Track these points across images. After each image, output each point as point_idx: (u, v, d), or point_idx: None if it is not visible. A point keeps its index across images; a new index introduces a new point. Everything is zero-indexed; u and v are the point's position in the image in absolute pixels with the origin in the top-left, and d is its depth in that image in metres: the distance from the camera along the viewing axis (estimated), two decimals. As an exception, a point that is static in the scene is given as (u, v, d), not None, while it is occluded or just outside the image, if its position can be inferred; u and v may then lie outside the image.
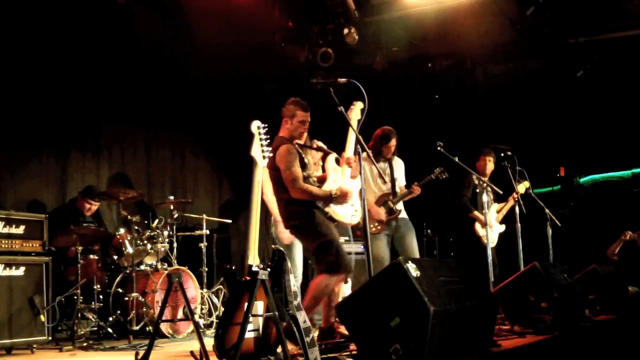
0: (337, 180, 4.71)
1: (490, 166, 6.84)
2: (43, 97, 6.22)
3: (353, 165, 4.78)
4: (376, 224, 5.62)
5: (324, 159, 5.16)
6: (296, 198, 4.39)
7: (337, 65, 8.16)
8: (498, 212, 6.87)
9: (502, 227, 6.90)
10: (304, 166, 4.48)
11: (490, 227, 6.72)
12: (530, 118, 9.03)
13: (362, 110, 4.79)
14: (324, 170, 5.09)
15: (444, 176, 5.86)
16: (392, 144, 5.76)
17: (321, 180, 4.72)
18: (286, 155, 4.41)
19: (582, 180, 9.91)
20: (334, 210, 4.54)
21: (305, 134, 4.71)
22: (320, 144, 5.26)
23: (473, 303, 3.66)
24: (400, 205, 5.74)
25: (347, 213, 4.67)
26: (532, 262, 4.94)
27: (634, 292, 6.64)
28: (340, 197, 4.47)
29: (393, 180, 5.78)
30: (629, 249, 7.90)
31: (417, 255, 5.70)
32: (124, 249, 6.04)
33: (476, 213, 6.60)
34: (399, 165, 5.93)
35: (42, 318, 4.94)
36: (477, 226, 6.69)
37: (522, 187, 6.63)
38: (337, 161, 4.84)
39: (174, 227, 6.33)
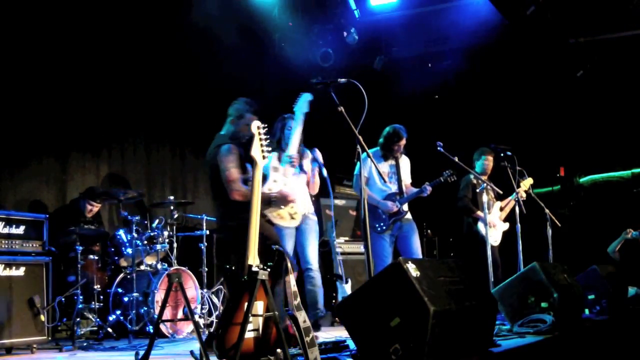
0: (277, 180, 4.54)
1: (491, 165, 6.85)
2: (43, 97, 6.22)
3: (295, 163, 4.59)
4: (382, 224, 5.61)
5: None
6: (233, 200, 4.26)
7: (337, 65, 8.18)
8: (501, 209, 6.84)
9: (506, 226, 6.87)
10: (243, 168, 4.35)
11: (494, 227, 6.73)
12: (530, 118, 9.03)
13: (310, 102, 4.65)
14: (302, 169, 5.00)
15: (453, 179, 5.86)
16: (403, 142, 5.76)
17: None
18: (226, 154, 4.31)
19: (582, 180, 9.92)
20: (272, 213, 4.39)
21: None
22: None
23: (473, 303, 3.65)
24: (405, 207, 5.75)
25: (286, 216, 4.51)
26: (532, 262, 4.94)
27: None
28: (281, 200, 4.36)
29: (399, 180, 5.79)
30: (631, 247, 7.91)
31: (420, 256, 5.70)
32: (124, 249, 6.04)
33: (479, 213, 6.59)
34: (405, 163, 5.94)
35: (42, 318, 4.94)
36: (480, 226, 6.64)
37: (526, 183, 6.62)
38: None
39: (174, 227, 6.33)
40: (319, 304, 5.06)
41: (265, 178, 4.55)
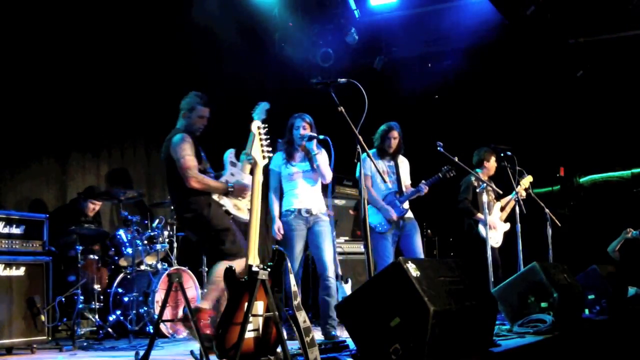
0: (235, 174, 4.62)
1: (494, 166, 6.85)
2: (43, 97, 6.21)
3: (252, 162, 4.60)
4: (383, 224, 5.61)
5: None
6: (191, 188, 4.28)
7: (337, 65, 8.18)
8: (502, 209, 6.85)
9: (507, 226, 6.87)
10: (199, 159, 4.40)
11: (495, 228, 6.73)
12: (530, 118, 9.03)
13: (267, 110, 4.70)
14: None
15: (451, 174, 5.84)
16: (393, 135, 5.76)
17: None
18: (180, 143, 4.33)
19: (582, 180, 9.92)
20: (229, 204, 4.46)
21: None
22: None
23: (473, 303, 3.65)
24: (406, 205, 5.75)
25: (244, 208, 4.57)
26: (532, 262, 4.94)
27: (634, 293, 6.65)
28: (237, 191, 4.42)
29: (399, 179, 5.78)
30: (631, 246, 7.91)
31: (422, 255, 5.70)
32: (124, 249, 6.04)
33: (479, 215, 6.59)
34: (404, 164, 5.94)
35: (42, 318, 4.94)
36: (481, 227, 6.60)
37: (526, 181, 6.62)
38: (237, 155, 4.72)
39: (174, 227, 6.33)
40: (333, 315, 5.06)
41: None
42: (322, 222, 5.19)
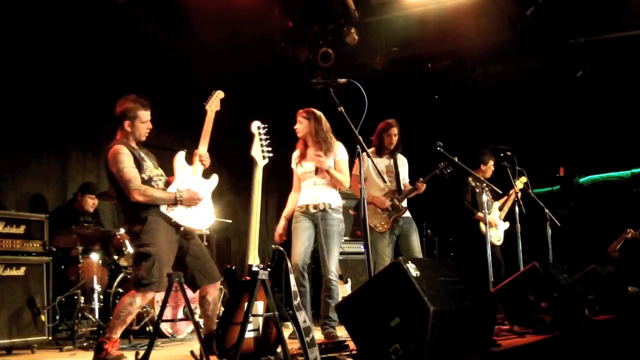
0: (185, 181, 4.21)
1: (492, 170, 6.90)
2: (43, 97, 6.22)
3: (206, 163, 4.29)
4: (382, 223, 5.61)
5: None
6: (135, 202, 3.95)
7: (337, 65, 8.17)
8: (500, 209, 6.90)
9: (507, 225, 6.95)
10: (140, 167, 4.07)
11: (496, 227, 6.79)
12: (530, 118, 9.03)
13: (222, 100, 4.44)
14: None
15: (449, 170, 5.84)
16: (391, 132, 5.75)
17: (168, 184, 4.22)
18: (115, 155, 4.03)
19: (582, 180, 9.92)
20: (178, 214, 4.08)
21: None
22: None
23: (473, 303, 3.66)
24: (404, 203, 5.75)
25: (197, 217, 4.17)
26: (532, 262, 4.94)
27: (633, 292, 6.65)
28: (187, 200, 4.07)
29: (398, 178, 5.78)
30: (631, 246, 7.92)
31: (419, 254, 5.70)
32: (124, 249, 6.04)
33: (480, 215, 6.61)
34: (402, 162, 5.94)
35: (43, 318, 4.95)
36: (483, 226, 6.67)
37: (519, 182, 6.66)
38: (189, 159, 4.32)
39: (174, 227, 6.31)
40: (333, 316, 5.04)
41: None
42: (329, 220, 5.11)
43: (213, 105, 4.39)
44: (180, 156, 4.29)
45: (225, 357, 3.32)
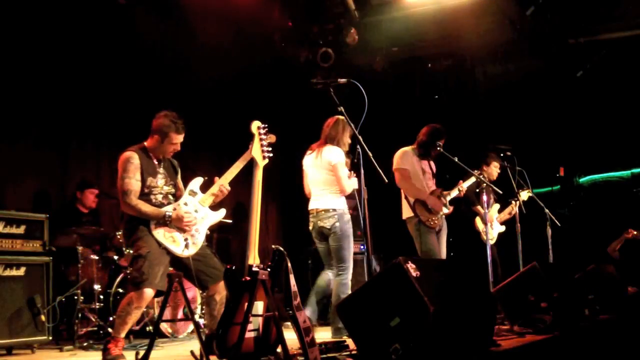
0: (188, 204, 4.16)
1: (497, 172, 6.91)
2: (44, 96, 6.22)
3: (223, 193, 4.21)
4: (435, 219, 5.60)
5: None
6: (125, 212, 4.06)
7: (337, 65, 8.17)
8: (500, 211, 6.94)
9: (502, 228, 6.98)
10: (144, 179, 4.09)
11: (491, 225, 6.79)
12: (530, 118, 9.03)
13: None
14: None
15: (484, 177, 5.91)
16: (442, 143, 5.74)
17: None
18: (124, 162, 4.07)
19: (582, 180, 9.91)
20: (162, 234, 4.04)
21: None
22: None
23: (473, 303, 3.66)
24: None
25: (181, 242, 4.09)
26: (532, 262, 4.94)
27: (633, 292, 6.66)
28: (175, 221, 4.04)
29: (435, 179, 5.83)
30: (631, 246, 7.92)
31: (444, 253, 5.74)
32: (124, 249, 6.04)
33: (479, 207, 6.63)
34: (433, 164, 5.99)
35: (43, 318, 4.95)
36: (478, 221, 6.77)
37: (525, 194, 6.66)
38: (204, 187, 4.26)
39: (174, 227, 6.31)
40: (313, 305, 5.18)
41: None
42: (326, 221, 5.18)
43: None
44: (195, 182, 4.24)
45: (225, 357, 3.32)
